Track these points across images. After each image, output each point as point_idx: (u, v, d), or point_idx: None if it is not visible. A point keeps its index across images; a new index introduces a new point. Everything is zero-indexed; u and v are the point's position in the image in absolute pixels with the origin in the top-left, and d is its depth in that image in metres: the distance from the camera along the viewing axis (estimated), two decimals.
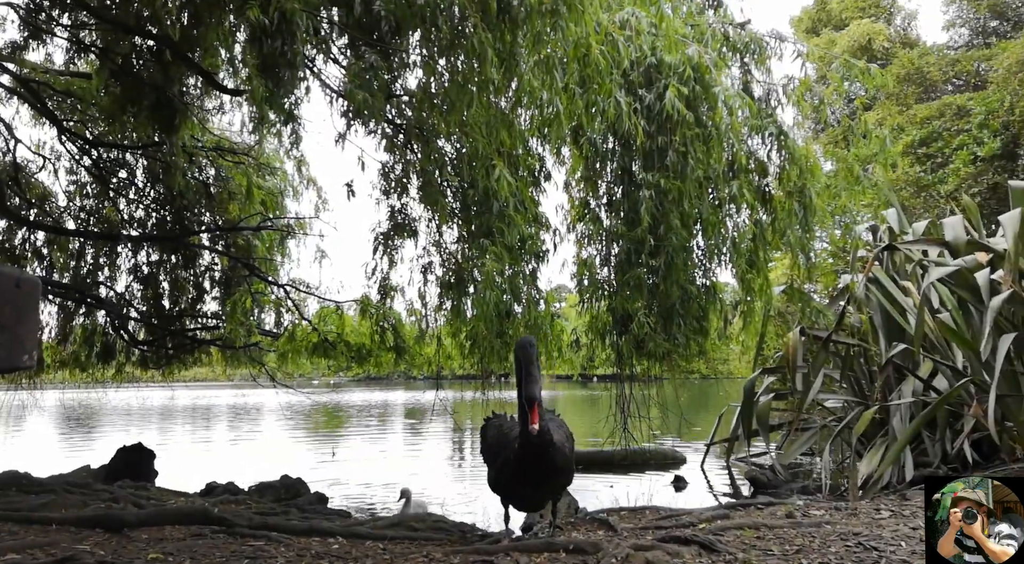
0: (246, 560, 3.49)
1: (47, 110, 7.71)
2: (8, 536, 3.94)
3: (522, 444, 3.57)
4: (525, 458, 3.58)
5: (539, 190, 6.12)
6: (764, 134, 6.46)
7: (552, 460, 3.59)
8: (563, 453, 3.65)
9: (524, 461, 3.59)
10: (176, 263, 9.30)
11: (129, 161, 8.84)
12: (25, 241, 8.86)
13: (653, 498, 6.86)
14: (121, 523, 4.21)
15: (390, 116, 5.51)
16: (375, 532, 4.19)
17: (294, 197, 9.12)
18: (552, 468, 3.63)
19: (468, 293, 5.57)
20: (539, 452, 3.54)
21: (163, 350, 9.66)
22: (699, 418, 14.58)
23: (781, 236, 6.45)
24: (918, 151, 16.74)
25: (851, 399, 7.96)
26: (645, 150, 5.80)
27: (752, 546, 3.73)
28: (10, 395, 10.07)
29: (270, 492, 6.98)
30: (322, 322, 8.55)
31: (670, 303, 6.00)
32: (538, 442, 3.47)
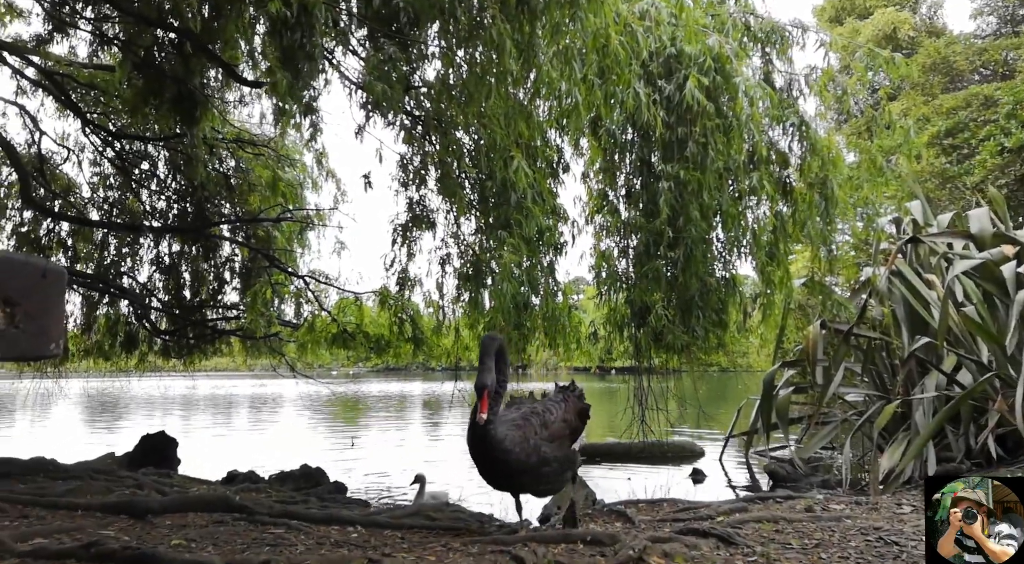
0: (267, 547, 3.53)
1: (71, 102, 7.81)
2: (36, 521, 4.02)
3: (468, 431, 3.71)
4: (469, 442, 3.71)
5: (557, 182, 6.10)
6: (785, 125, 6.39)
7: (490, 455, 3.65)
8: (514, 454, 3.66)
9: (469, 445, 3.73)
10: (197, 254, 9.39)
11: (151, 153, 8.94)
12: (50, 232, 9.00)
13: (671, 491, 6.85)
14: (145, 509, 4.28)
15: (408, 108, 5.52)
16: (393, 521, 4.22)
17: (313, 189, 9.17)
18: (492, 461, 3.68)
19: (486, 285, 5.58)
20: (477, 442, 3.64)
21: (184, 340, 9.78)
22: (718, 411, 14.51)
23: (802, 228, 6.38)
24: (943, 142, 16.47)
25: (872, 393, 7.88)
26: (664, 141, 5.76)
27: (771, 539, 3.71)
28: (36, 383, 10.25)
29: (290, 481, 7.05)
30: (341, 313, 8.60)
31: (689, 295, 5.97)
32: (479, 432, 3.57)
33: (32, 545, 3.37)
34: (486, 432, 3.59)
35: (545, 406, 4.08)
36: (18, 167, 7.47)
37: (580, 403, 4.32)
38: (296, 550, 3.49)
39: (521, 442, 3.70)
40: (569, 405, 4.21)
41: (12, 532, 3.56)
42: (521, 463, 3.68)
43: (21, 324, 0.64)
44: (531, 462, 3.71)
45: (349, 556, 3.32)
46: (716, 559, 3.31)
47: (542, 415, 3.95)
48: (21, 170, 7.43)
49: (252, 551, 3.42)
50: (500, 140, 4.86)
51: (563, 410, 4.10)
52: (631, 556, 3.22)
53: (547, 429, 3.87)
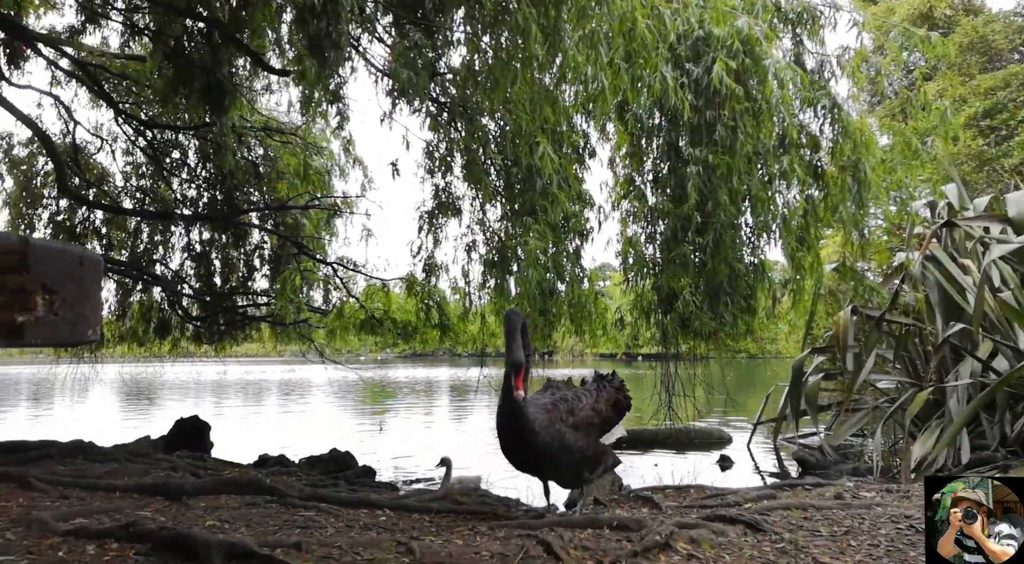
0: (298, 529, 3.60)
1: (103, 92, 7.94)
2: (76, 501, 4.14)
3: (498, 408, 3.68)
4: (499, 420, 3.68)
5: (583, 167, 6.07)
6: (816, 107, 6.27)
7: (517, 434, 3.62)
8: (540, 437, 3.63)
9: (498, 423, 3.70)
10: (227, 242, 9.53)
11: (182, 142, 9.06)
12: (85, 220, 9.19)
13: (698, 477, 6.83)
14: (180, 491, 4.38)
15: (434, 94, 5.52)
16: (421, 505, 4.27)
17: (341, 176, 9.22)
18: (518, 440, 3.65)
19: (511, 271, 5.58)
20: (508, 420, 3.61)
21: (216, 326, 9.94)
22: (746, 398, 14.41)
23: (833, 212, 6.28)
24: (981, 123, 16.05)
25: (905, 380, 7.76)
26: (692, 125, 5.70)
27: (799, 526, 3.69)
28: (73, 368, 10.50)
29: (320, 465, 7.16)
30: (369, 299, 8.67)
31: (717, 281, 5.91)
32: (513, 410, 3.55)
33: (73, 525, 3.47)
34: (519, 410, 3.57)
35: (576, 394, 4.05)
36: (54, 157, 7.63)
37: (617, 394, 4.27)
38: (326, 532, 3.55)
39: (547, 426, 3.69)
40: (603, 395, 4.15)
41: (54, 512, 3.67)
42: (545, 446, 3.68)
43: (60, 311, 0.65)
44: (553, 447, 3.70)
45: (378, 539, 3.37)
46: (743, 545, 3.30)
47: (570, 403, 3.93)
48: (57, 160, 7.59)
49: (283, 533, 3.49)
50: (526, 126, 4.85)
51: (594, 399, 4.06)
52: (657, 541, 3.22)
53: (573, 416, 3.85)
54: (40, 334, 0.64)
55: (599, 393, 4.15)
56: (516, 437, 3.67)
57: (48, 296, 0.64)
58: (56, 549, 3.08)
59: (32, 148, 8.92)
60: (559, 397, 3.96)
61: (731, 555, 3.16)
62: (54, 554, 3.01)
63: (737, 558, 3.12)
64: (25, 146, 8.99)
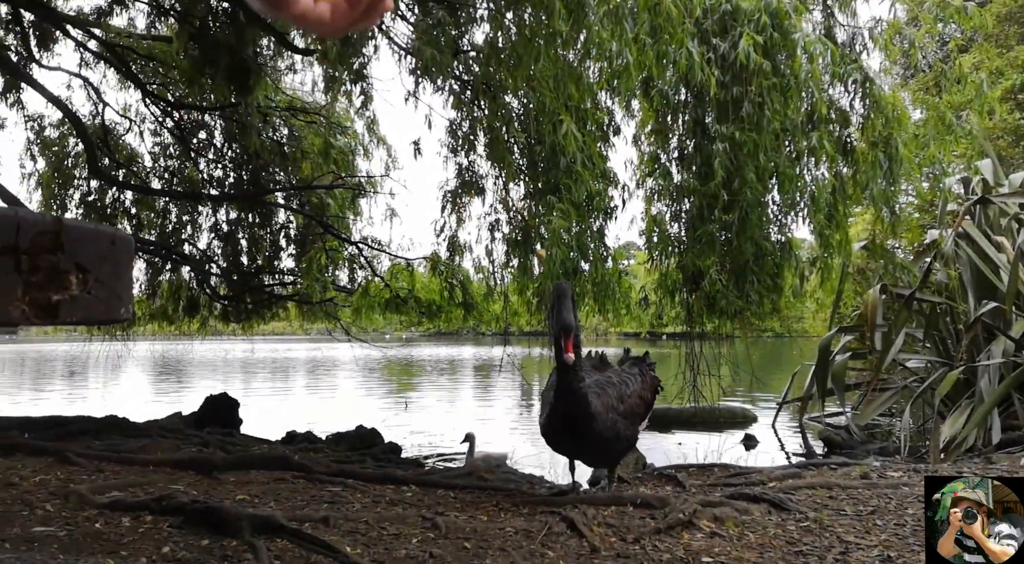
0: (325, 504, 3.66)
1: (131, 74, 8.01)
2: (111, 475, 4.26)
3: (557, 385, 3.55)
4: (557, 395, 3.54)
5: (607, 145, 6.02)
6: (847, 82, 6.14)
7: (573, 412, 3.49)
8: (598, 422, 3.52)
9: (552, 406, 3.58)
10: (254, 221, 9.62)
11: (208, 122, 9.13)
12: (115, 200, 9.33)
13: (722, 456, 6.82)
14: (211, 466, 4.48)
15: (457, 72, 5.49)
16: (446, 481, 4.33)
17: (365, 156, 9.23)
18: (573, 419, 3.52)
19: (535, 250, 5.57)
20: (564, 395, 3.48)
21: (243, 305, 10.07)
22: (771, 377, 14.31)
23: (863, 189, 6.16)
24: (1018, 96, 15.59)
25: (935, 359, 7.64)
26: (719, 101, 5.61)
27: (824, 505, 3.68)
28: (106, 345, 10.73)
29: (346, 441, 7.26)
30: (394, 278, 8.72)
31: (743, 260, 5.85)
32: (572, 385, 3.45)
33: (109, 498, 3.58)
34: (577, 388, 3.47)
35: (621, 378, 3.94)
36: (84, 138, 7.73)
37: (655, 380, 4.21)
38: (353, 508, 3.61)
39: (602, 413, 3.58)
40: (646, 381, 4.07)
41: (91, 485, 3.78)
42: (599, 434, 3.57)
43: (93, 290, 0.67)
44: (606, 436, 3.60)
45: (404, 514, 3.42)
46: (767, 524, 3.30)
47: (619, 388, 3.82)
48: (87, 141, 7.69)
49: (311, 507, 3.56)
50: (549, 103, 4.80)
51: (640, 386, 3.97)
52: (681, 519, 3.24)
53: (623, 404, 3.76)
54: (75, 312, 0.66)
55: (643, 379, 4.05)
56: (571, 421, 3.54)
57: (82, 275, 0.66)
58: (93, 521, 3.18)
59: (63, 129, 9.05)
60: (603, 380, 3.85)
61: (755, 533, 3.16)
62: (91, 526, 3.10)
63: (761, 536, 3.12)
64: (56, 128, 9.11)
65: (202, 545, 2.84)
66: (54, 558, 1.80)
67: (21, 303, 0.64)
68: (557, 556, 2.80)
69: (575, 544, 2.97)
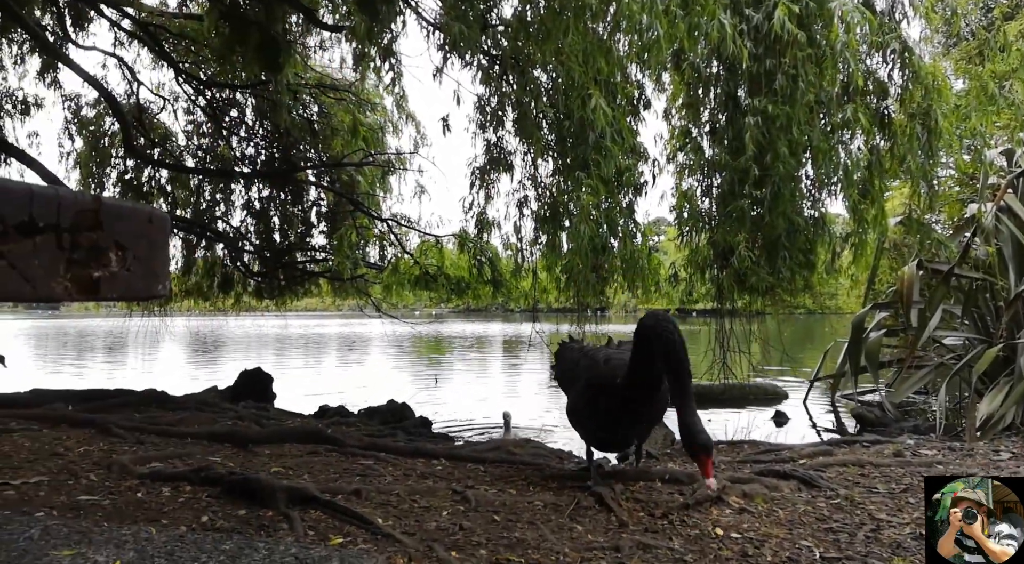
0: (357, 477, 3.74)
1: (164, 52, 8.10)
2: (151, 447, 4.39)
3: (627, 387, 3.19)
4: (631, 399, 3.19)
5: (637, 119, 5.95)
6: (886, 52, 5.97)
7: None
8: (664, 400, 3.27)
9: (629, 402, 3.22)
10: (285, 199, 9.73)
11: (239, 100, 9.21)
12: (151, 179, 9.49)
13: (752, 433, 6.80)
14: (246, 439, 4.59)
15: (486, 47, 5.46)
16: (476, 455, 4.38)
17: (394, 133, 9.26)
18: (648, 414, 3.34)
19: (563, 227, 5.56)
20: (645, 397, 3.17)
21: (276, 281, 10.23)
22: (803, 354, 14.16)
23: (900, 163, 6.02)
24: None
25: (973, 336, 7.49)
26: (751, 74, 5.50)
27: (856, 483, 3.65)
28: (144, 321, 11.00)
29: (377, 415, 7.38)
30: (423, 255, 8.78)
31: (775, 235, 5.77)
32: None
33: (150, 468, 3.69)
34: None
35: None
36: (120, 117, 7.86)
37: None
38: (384, 480, 3.68)
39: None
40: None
41: (132, 456, 3.90)
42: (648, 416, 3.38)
43: (132, 267, 0.69)
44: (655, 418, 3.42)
45: (434, 487, 3.48)
46: (797, 500, 3.29)
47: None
48: (122, 120, 7.82)
49: (344, 480, 3.63)
50: (578, 78, 4.76)
51: None
52: (709, 495, 3.24)
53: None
54: (115, 288, 0.68)
55: None
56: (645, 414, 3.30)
57: (121, 253, 0.68)
58: (135, 490, 3.29)
59: (99, 109, 9.20)
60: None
61: (784, 510, 3.16)
62: (133, 495, 3.21)
63: (790, 513, 3.11)
64: (92, 107, 9.27)
65: (239, 515, 2.92)
66: (99, 525, 1.87)
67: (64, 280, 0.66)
68: (585, 530, 2.83)
69: (603, 518, 3.00)
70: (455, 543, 2.64)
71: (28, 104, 8.63)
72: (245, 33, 5.58)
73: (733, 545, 2.68)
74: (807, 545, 2.68)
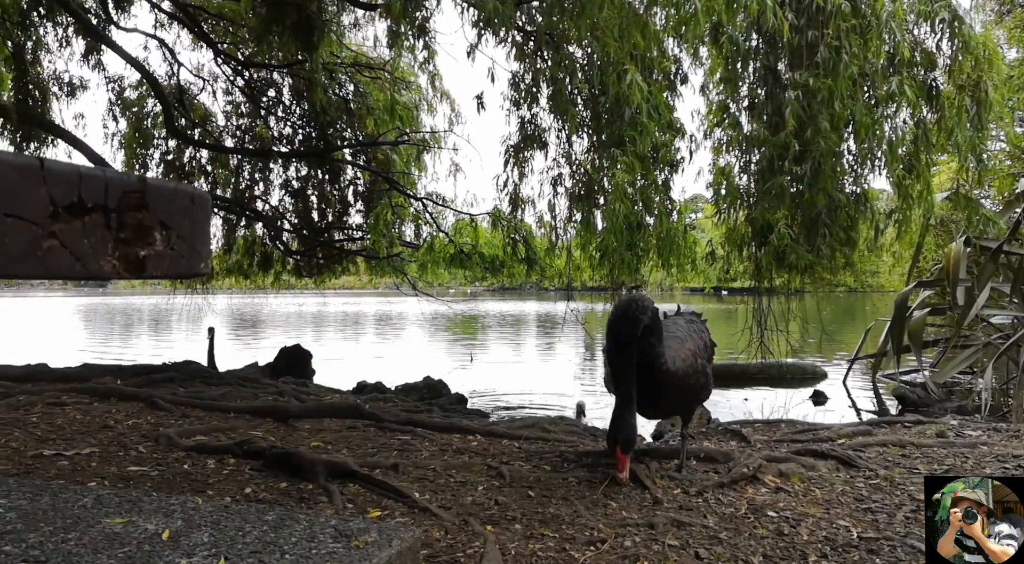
0: (395, 452, 3.81)
1: (203, 34, 8.20)
2: (196, 420, 4.53)
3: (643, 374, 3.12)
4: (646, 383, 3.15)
5: (674, 94, 5.85)
6: (934, 21, 5.75)
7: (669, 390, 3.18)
8: (687, 384, 3.20)
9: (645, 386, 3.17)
10: (323, 178, 9.83)
11: (276, 80, 9.30)
12: (192, 159, 9.67)
13: (789, 412, 6.73)
14: (287, 414, 4.71)
15: (520, 23, 5.41)
16: (511, 432, 4.42)
17: (428, 111, 9.25)
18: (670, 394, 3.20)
19: (598, 205, 5.52)
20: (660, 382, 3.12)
21: (314, 260, 10.38)
22: (843, 333, 13.92)
23: (948, 137, 5.81)
24: None
25: (1022, 315, 7.28)
26: (792, 47, 5.36)
27: (896, 463, 3.60)
28: (187, 299, 11.27)
29: (414, 392, 7.49)
30: (458, 234, 8.81)
31: (815, 212, 5.64)
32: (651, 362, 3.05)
33: (194, 441, 3.81)
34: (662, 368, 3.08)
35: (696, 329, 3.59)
36: (161, 98, 8.00)
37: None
38: (421, 455, 3.74)
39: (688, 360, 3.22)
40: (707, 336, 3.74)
41: (178, 430, 4.03)
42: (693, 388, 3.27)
43: (176, 246, 0.71)
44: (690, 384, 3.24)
45: (470, 462, 3.53)
46: (835, 480, 3.26)
47: (701, 335, 3.52)
48: (164, 101, 7.96)
49: (381, 454, 3.70)
50: (614, 53, 4.69)
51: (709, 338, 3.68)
52: (745, 474, 3.23)
53: (707, 351, 3.50)
54: (160, 267, 0.70)
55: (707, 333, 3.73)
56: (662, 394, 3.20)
57: (165, 232, 0.70)
58: (181, 462, 3.40)
59: (141, 90, 9.37)
60: (686, 324, 3.55)
61: (821, 489, 3.13)
62: (180, 466, 3.32)
63: (828, 492, 3.09)
64: (135, 89, 9.44)
65: (281, 487, 3.01)
66: (148, 495, 1.95)
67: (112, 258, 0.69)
68: (620, 507, 2.85)
69: (637, 495, 3.01)
70: (490, 517, 2.69)
71: (74, 86, 8.82)
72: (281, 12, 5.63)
73: (768, 524, 2.68)
74: (844, 525, 2.66)
